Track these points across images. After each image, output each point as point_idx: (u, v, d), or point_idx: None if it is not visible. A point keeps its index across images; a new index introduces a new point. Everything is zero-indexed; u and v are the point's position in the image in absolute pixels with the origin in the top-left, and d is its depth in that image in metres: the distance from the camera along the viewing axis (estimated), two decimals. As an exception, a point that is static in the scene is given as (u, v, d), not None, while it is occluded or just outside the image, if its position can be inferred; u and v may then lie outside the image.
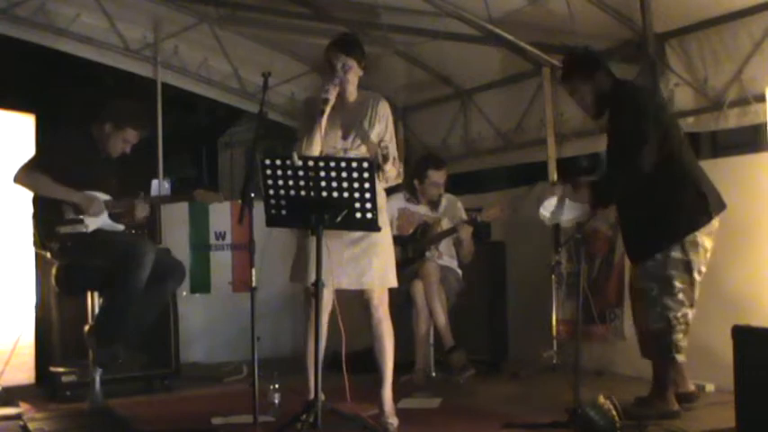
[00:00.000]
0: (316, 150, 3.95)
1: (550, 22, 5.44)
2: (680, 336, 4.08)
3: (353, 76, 4.06)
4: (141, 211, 4.68)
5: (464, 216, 5.61)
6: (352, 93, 4.09)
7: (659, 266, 4.11)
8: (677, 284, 4.09)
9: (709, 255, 4.14)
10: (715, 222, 4.15)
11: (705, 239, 4.12)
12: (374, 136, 4.06)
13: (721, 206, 4.19)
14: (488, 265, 6.31)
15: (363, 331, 4.32)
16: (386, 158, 3.93)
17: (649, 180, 4.09)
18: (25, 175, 4.47)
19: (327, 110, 3.93)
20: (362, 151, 4.04)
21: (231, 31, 7.00)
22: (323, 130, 3.94)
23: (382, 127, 4.08)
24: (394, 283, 4.10)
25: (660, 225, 4.13)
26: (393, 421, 4.05)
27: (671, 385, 4.14)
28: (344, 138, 4.03)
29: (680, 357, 4.10)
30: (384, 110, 4.10)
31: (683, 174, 4.14)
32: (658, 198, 4.12)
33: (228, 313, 6.64)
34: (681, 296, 4.09)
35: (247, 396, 3.86)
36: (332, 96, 3.93)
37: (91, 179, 4.53)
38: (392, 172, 3.99)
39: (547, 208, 4.42)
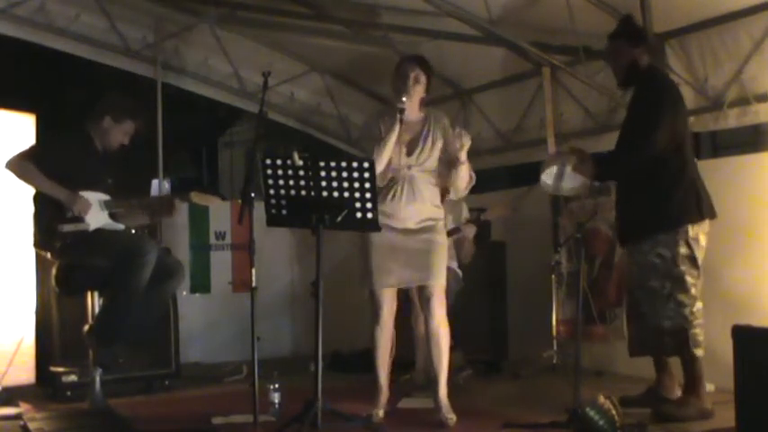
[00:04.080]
0: (386, 157, 4.12)
1: (550, 22, 5.44)
2: (698, 330, 4.11)
3: (420, 90, 4.25)
4: (176, 206, 4.69)
5: (468, 215, 5.60)
6: (414, 110, 4.26)
7: (670, 264, 4.14)
8: (689, 280, 4.13)
9: (704, 252, 4.18)
10: (707, 223, 4.19)
11: (702, 237, 4.17)
12: (436, 152, 4.23)
13: (712, 213, 4.23)
14: (488, 265, 6.31)
15: (363, 331, 4.33)
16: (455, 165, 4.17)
17: (652, 166, 4.13)
18: (16, 163, 4.47)
19: (403, 117, 4.10)
20: (427, 167, 4.22)
21: (231, 31, 6.99)
22: (396, 138, 4.10)
23: (442, 143, 4.24)
24: (444, 284, 4.27)
25: (654, 213, 4.18)
26: (451, 416, 4.14)
27: (703, 382, 4.15)
28: (409, 154, 4.19)
29: (699, 352, 4.11)
30: (445, 127, 4.28)
31: (683, 170, 4.17)
32: (655, 186, 4.16)
33: (228, 313, 6.64)
34: (693, 291, 4.14)
35: (247, 396, 3.86)
36: (408, 106, 4.12)
37: (87, 179, 4.53)
38: (463, 181, 4.25)
39: (549, 175, 4.44)
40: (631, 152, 4.20)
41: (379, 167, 4.06)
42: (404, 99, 4.12)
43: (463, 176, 4.26)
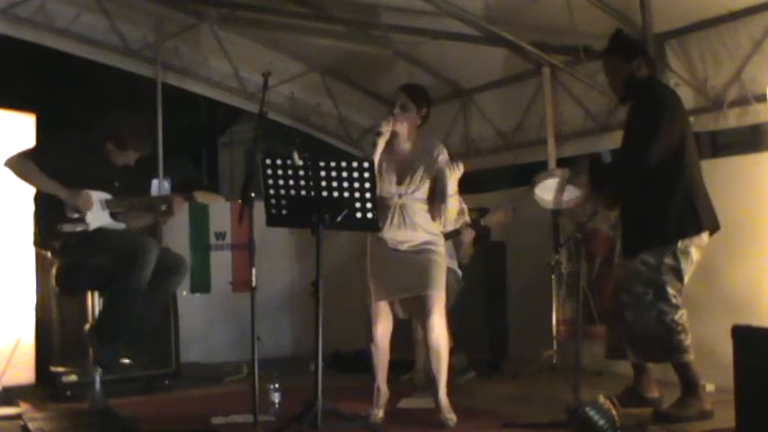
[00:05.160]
0: None
1: (550, 22, 5.44)
2: (682, 336, 4.10)
3: (410, 120, 4.21)
4: (179, 205, 4.68)
5: (468, 219, 5.60)
6: (406, 139, 4.24)
7: (654, 272, 4.13)
8: (670, 290, 4.12)
9: (693, 267, 4.16)
10: (704, 237, 4.17)
11: (694, 251, 4.14)
12: (428, 181, 4.20)
13: (714, 225, 4.20)
14: (488, 265, 6.32)
15: (363, 331, 4.33)
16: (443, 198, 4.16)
17: (649, 178, 4.11)
18: (17, 161, 4.46)
19: (381, 143, 4.10)
20: (417, 197, 4.19)
21: (231, 31, 6.99)
22: (376, 162, 4.06)
23: (434, 172, 4.20)
24: (443, 295, 4.23)
25: (651, 226, 4.16)
26: (452, 416, 4.14)
27: (699, 383, 4.14)
28: (399, 183, 4.18)
29: (687, 357, 4.11)
30: (440, 156, 4.23)
31: (681, 181, 4.14)
32: (652, 199, 4.14)
33: (229, 313, 6.65)
34: (674, 301, 4.12)
35: (247, 396, 3.86)
36: (385, 131, 4.10)
37: (90, 178, 4.53)
38: (452, 214, 4.26)
39: (544, 191, 4.42)
40: (626, 166, 4.20)
41: None
42: (382, 123, 4.11)
43: (452, 209, 4.26)
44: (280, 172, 3.70)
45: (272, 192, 3.74)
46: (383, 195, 4.13)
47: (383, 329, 4.24)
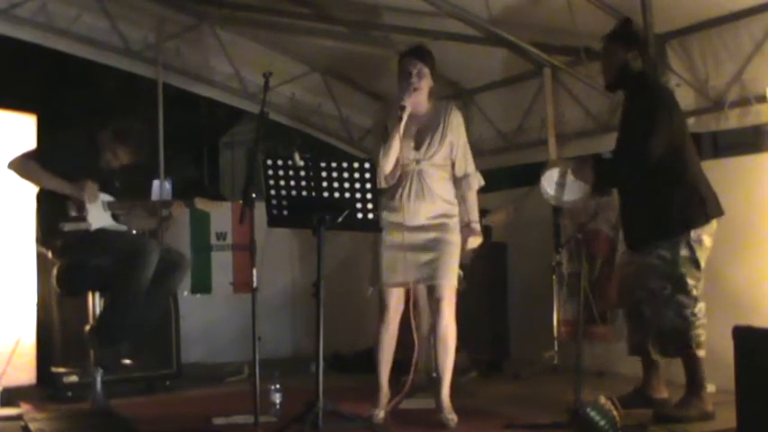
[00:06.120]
0: (392, 158, 4.07)
1: (551, 23, 5.44)
2: (699, 331, 4.11)
3: (426, 84, 4.17)
4: (179, 211, 4.69)
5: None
6: (423, 102, 4.20)
7: (671, 266, 4.13)
8: (690, 282, 4.12)
9: (708, 253, 4.17)
10: (714, 223, 4.18)
11: (707, 238, 4.15)
12: (446, 146, 4.17)
13: (719, 211, 4.21)
14: (490, 266, 6.31)
15: (363, 331, 4.33)
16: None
17: (652, 172, 4.11)
18: (20, 163, 4.48)
19: (405, 116, 4.03)
20: (435, 161, 4.15)
21: (232, 32, 6.99)
22: (401, 137, 4.03)
23: (454, 136, 4.18)
24: (455, 284, 4.24)
25: (656, 219, 4.17)
26: (453, 417, 4.13)
27: (705, 383, 4.15)
28: (417, 148, 4.15)
29: (700, 353, 4.11)
30: (456, 119, 4.21)
31: (684, 173, 4.16)
32: (657, 192, 4.15)
33: (229, 314, 6.65)
34: (694, 292, 4.13)
35: (248, 396, 3.86)
36: (408, 103, 4.05)
37: (91, 179, 4.53)
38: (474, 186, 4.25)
39: (548, 182, 4.43)
40: (629, 163, 4.21)
41: (387, 169, 4.05)
42: (405, 97, 4.06)
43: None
44: (281, 172, 3.70)
45: (273, 192, 3.74)
46: (401, 162, 4.11)
47: (394, 312, 4.23)
